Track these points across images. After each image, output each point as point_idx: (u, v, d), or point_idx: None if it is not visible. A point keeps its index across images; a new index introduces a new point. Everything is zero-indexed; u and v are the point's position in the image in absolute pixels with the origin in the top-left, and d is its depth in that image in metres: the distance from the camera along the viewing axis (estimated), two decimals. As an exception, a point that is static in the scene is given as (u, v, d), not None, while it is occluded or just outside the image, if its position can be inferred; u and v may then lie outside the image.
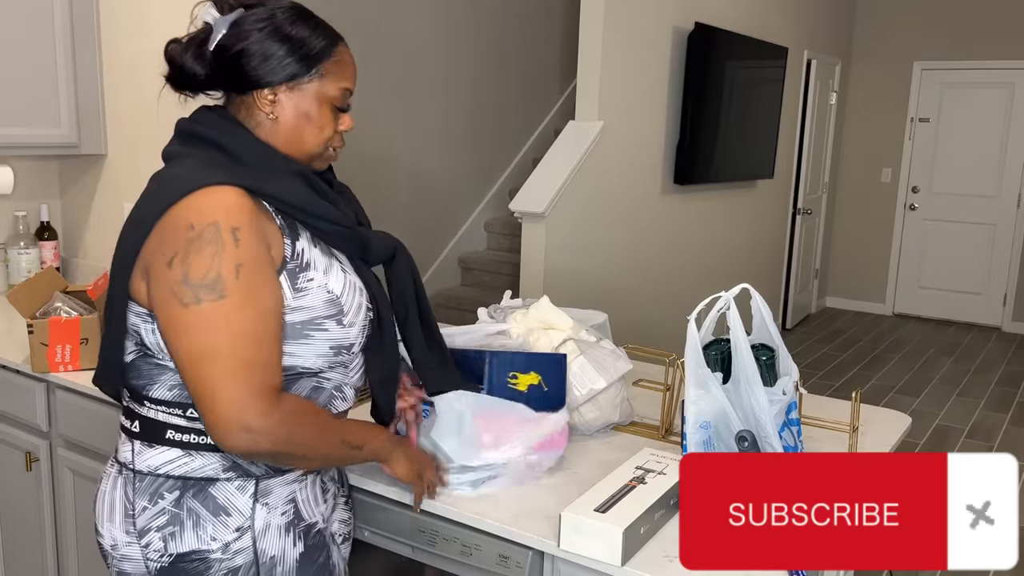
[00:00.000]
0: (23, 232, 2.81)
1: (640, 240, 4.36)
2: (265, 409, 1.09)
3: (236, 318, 1.08)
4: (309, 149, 1.25)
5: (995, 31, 6.64)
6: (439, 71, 4.62)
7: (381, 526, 1.50)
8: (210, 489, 1.19)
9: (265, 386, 1.10)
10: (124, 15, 2.67)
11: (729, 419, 1.24)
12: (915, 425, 5.04)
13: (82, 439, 2.05)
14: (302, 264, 1.19)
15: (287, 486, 1.25)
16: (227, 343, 1.08)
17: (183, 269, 1.09)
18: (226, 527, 1.19)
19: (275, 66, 1.19)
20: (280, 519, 1.24)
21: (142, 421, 1.21)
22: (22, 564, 2.31)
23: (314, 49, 1.21)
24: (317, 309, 1.19)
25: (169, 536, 1.18)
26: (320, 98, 1.23)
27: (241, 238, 1.10)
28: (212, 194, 1.11)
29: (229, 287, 1.08)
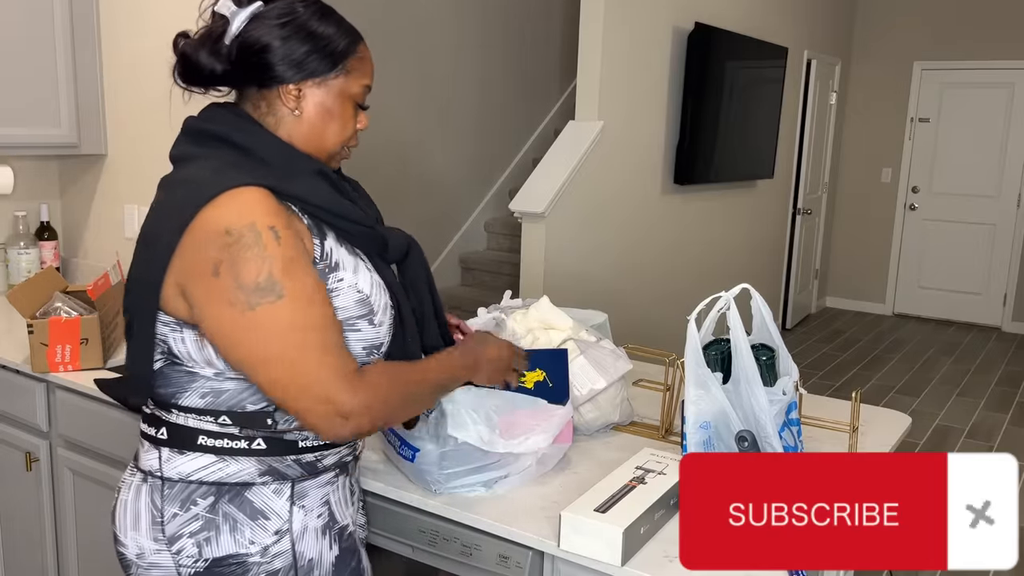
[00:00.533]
0: (23, 232, 2.81)
1: (640, 240, 4.36)
2: (352, 390, 1.09)
3: (298, 315, 1.09)
4: (329, 146, 1.24)
5: (995, 31, 6.64)
6: (439, 71, 4.63)
7: (381, 526, 1.50)
8: (246, 493, 1.18)
9: (346, 370, 1.10)
10: (124, 15, 2.67)
11: (729, 419, 1.24)
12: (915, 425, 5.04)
13: (82, 439, 2.05)
14: (331, 264, 1.18)
15: (321, 488, 1.24)
16: (296, 341, 1.08)
17: (233, 275, 1.08)
18: (264, 530, 1.18)
19: (302, 61, 1.18)
20: (316, 521, 1.23)
21: (170, 428, 1.19)
22: (22, 564, 2.31)
23: (340, 45, 1.21)
24: (350, 309, 1.18)
25: (204, 541, 1.17)
26: (343, 95, 1.23)
27: (281, 235, 1.10)
28: (241, 196, 1.10)
29: (285, 286, 1.08)
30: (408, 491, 1.43)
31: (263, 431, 1.18)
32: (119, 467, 1.98)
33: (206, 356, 1.16)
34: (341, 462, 1.28)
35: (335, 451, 1.26)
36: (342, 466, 1.29)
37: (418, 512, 1.44)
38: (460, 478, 1.40)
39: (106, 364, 2.06)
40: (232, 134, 1.18)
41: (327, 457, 1.24)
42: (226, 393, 1.17)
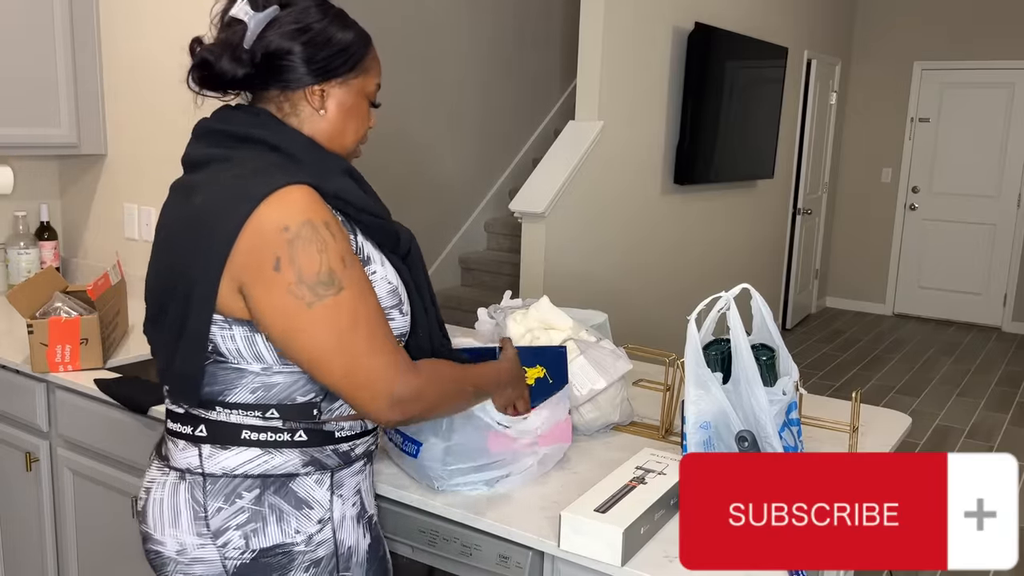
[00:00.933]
0: (23, 232, 2.81)
1: (640, 240, 4.36)
2: (409, 378, 1.16)
3: (359, 305, 1.14)
4: (348, 144, 1.29)
5: (995, 31, 6.64)
6: (439, 71, 4.63)
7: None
8: (291, 484, 1.21)
9: (402, 359, 1.17)
10: (124, 15, 2.67)
11: (729, 419, 1.24)
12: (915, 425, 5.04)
13: (82, 439, 2.05)
14: (364, 258, 1.22)
15: (354, 477, 1.29)
16: (358, 332, 1.13)
17: (295, 270, 1.11)
18: (309, 520, 1.22)
19: (327, 63, 1.23)
20: (352, 510, 1.28)
21: (210, 425, 1.21)
22: (22, 564, 2.31)
23: (358, 46, 1.26)
24: (384, 300, 1.23)
25: (251, 533, 1.19)
26: (361, 93, 1.28)
27: (334, 231, 1.14)
28: (292, 194, 1.13)
29: (345, 279, 1.13)
30: (408, 491, 1.43)
31: (306, 422, 1.22)
32: (119, 467, 1.98)
33: (256, 352, 1.18)
34: (368, 451, 1.32)
35: (364, 440, 1.30)
36: (369, 455, 1.33)
37: (418, 512, 1.44)
38: (463, 475, 1.40)
39: (106, 364, 2.06)
40: (265, 136, 1.21)
41: (359, 446, 1.29)
42: (277, 387, 1.20)
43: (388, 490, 1.45)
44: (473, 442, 1.38)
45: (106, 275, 2.12)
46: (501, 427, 1.39)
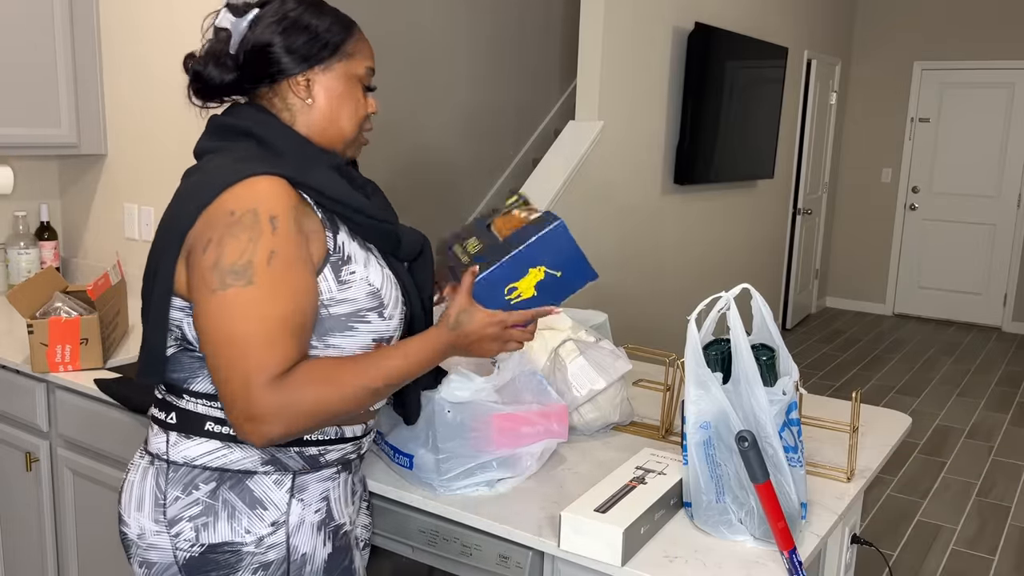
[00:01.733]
0: (23, 232, 2.82)
1: (640, 240, 4.36)
2: (263, 393, 1.07)
3: (260, 306, 1.08)
4: (346, 130, 1.27)
5: (995, 31, 6.64)
6: (439, 71, 4.62)
7: (381, 526, 1.50)
8: (247, 482, 1.20)
9: (269, 369, 1.08)
10: (124, 15, 2.67)
11: (729, 419, 1.24)
12: (915, 425, 5.05)
13: (82, 439, 2.05)
14: (344, 257, 1.20)
15: (321, 483, 1.25)
16: (245, 331, 1.08)
17: (216, 254, 1.10)
18: (261, 520, 1.20)
19: (305, 51, 1.22)
20: (314, 516, 1.24)
21: (179, 413, 1.21)
22: (22, 564, 2.31)
23: (337, 30, 1.25)
24: (360, 301, 1.20)
25: (202, 526, 1.19)
26: (350, 77, 1.26)
27: (279, 226, 1.11)
28: (255, 183, 1.13)
29: (259, 274, 1.09)
30: (408, 491, 1.43)
31: None
32: (119, 467, 1.98)
33: None
34: (344, 459, 1.28)
35: (339, 447, 1.26)
36: (345, 463, 1.29)
37: (418, 512, 1.44)
38: (462, 479, 1.40)
39: (106, 364, 2.06)
40: (253, 127, 1.22)
41: (330, 452, 1.25)
42: None
43: (388, 490, 1.45)
44: (462, 449, 1.39)
45: (106, 275, 2.12)
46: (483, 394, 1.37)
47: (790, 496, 1.24)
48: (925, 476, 3.99)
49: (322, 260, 1.18)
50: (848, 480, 1.52)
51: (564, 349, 1.65)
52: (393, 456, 1.47)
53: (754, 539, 1.28)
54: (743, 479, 1.25)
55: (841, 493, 1.47)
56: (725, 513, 1.28)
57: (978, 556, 3.25)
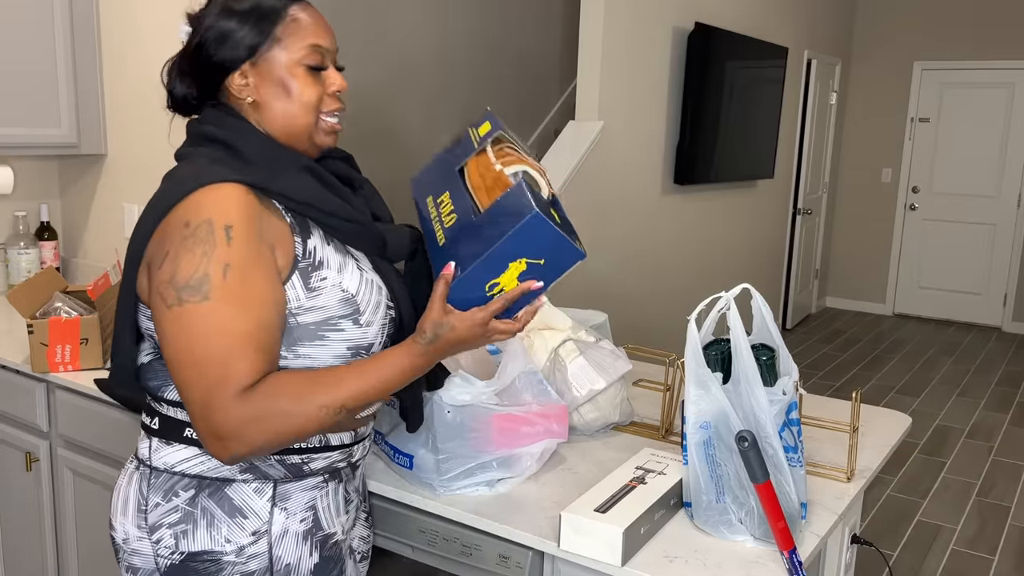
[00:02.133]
0: (23, 232, 2.82)
1: (640, 240, 4.36)
2: (226, 410, 1.03)
3: (215, 321, 1.04)
4: (301, 121, 1.19)
5: (995, 31, 6.64)
6: (439, 71, 4.62)
7: (381, 526, 1.50)
8: (226, 490, 1.17)
9: (231, 386, 1.04)
10: (124, 15, 2.67)
11: (729, 419, 1.24)
12: (915, 425, 5.04)
13: (82, 439, 2.05)
14: (315, 263, 1.16)
15: (307, 492, 1.22)
16: (205, 347, 1.04)
17: (172, 268, 1.07)
18: (242, 529, 1.17)
19: (232, 44, 1.16)
20: (299, 526, 1.21)
21: (161, 419, 1.20)
22: (22, 564, 2.31)
23: (263, 15, 1.17)
24: (332, 309, 1.16)
25: (181, 534, 1.17)
26: (287, 63, 1.17)
27: (234, 236, 1.07)
28: (212, 192, 1.09)
29: (215, 288, 1.05)
30: (408, 491, 1.43)
31: None
32: (119, 467, 1.98)
33: None
34: (332, 468, 1.25)
35: (324, 455, 1.22)
36: (333, 472, 1.26)
37: (418, 512, 1.44)
38: (462, 479, 1.40)
39: (106, 364, 2.06)
40: (220, 133, 1.17)
41: (315, 461, 1.21)
42: None
43: (388, 490, 1.45)
44: (462, 449, 1.39)
45: (106, 275, 2.12)
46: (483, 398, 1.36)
47: (790, 496, 1.24)
48: (925, 476, 3.99)
49: (289, 267, 1.13)
50: (848, 480, 1.52)
51: (564, 349, 1.65)
52: (393, 456, 1.47)
53: (754, 539, 1.28)
54: (743, 479, 1.25)
55: (841, 493, 1.47)
56: (725, 513, 1.28)
57: (978, 556, 3.25)
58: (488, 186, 1.20)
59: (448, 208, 1.22)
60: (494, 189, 1.18)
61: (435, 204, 1.27)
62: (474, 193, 1.21)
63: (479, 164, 1.25)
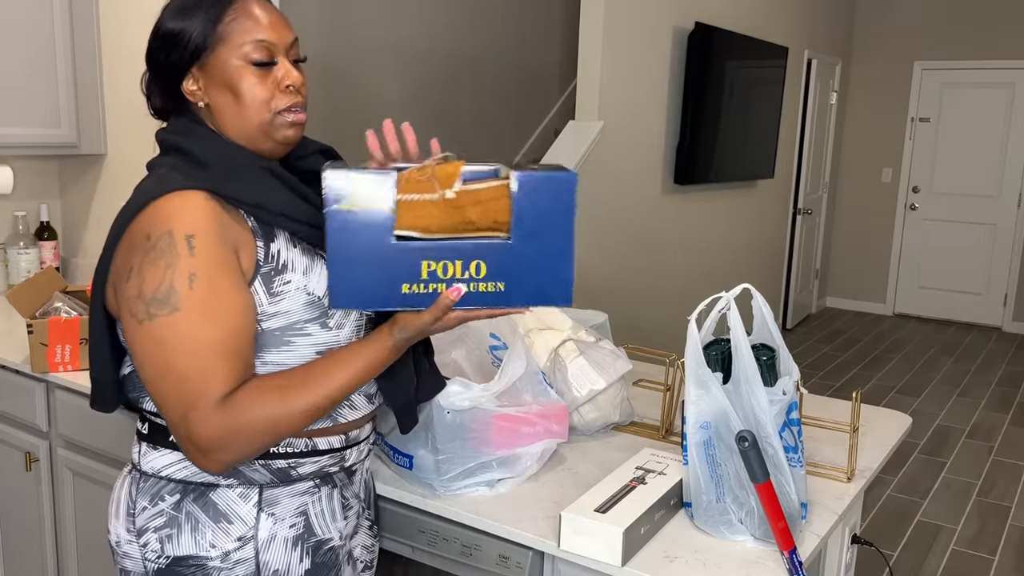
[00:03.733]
0: (23, 232, 2.81)
1: (640, 240, 4.36)
2: (204, 422, 1.04)
3: (186, 333, 1.04)
4: (254, 120, 1.15)
5: (995, 31, 6.64)
6: (438, 71, 4.62)
7: (381, 526, 1.49)
8: (211, 495, 1.16)
9: (206, 397, 1.04)
10: (124, 15, 2.67)
11: (729, 419, 1.24)
12: (915, 425, 5.05)
13: (82, 439, 2.05)
14: (278, 267, 1.13)
15: (296, 498, 1.20)
16: (176, 360, 1.04)
17: (138, 283, 1.06)
18: (227, 535, 1.16)
19: (177, 48, 1.14)
20: (288, 531, 1.19)
21: (149, 424, 1.21)
22: (22, 564, 2.31)
23: (206, 15, 1.13)
24: (296, 313, 1.14)
25: (166, 538, 1.16)
26: (232, 62, 1.13)
27: (197, 245, 1.06)
28: (171, 201, 1.07)
29: (182, 299, 1.04)
30: (408, 491, 1.43)
31: None
32: (119, 467, 1.98)
33: None
34: (323, 472, 1.22)
35: (313, 460, 1.20)
36: (325, 477, 1.23)
37: (418, 512, 1.44)
38: (462, 479, 1.40)
39: (106, 364, 2.06)
40: (179, 140, 1.16)
41: (303, 466, 1.20)
42: None
43: (388, 490, 1.45)
44: (462, 449, 1.39)
45: (106, 275, 2.12)
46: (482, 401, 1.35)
47: (790, 496, 1.24)
48: (925, 476, 3.99)
49: (252, 272, 1.12)
50: (848, 480, 1.52)
51: (564, 349, 1.65)
52: (393, 456, 1.47)
53: (754, 539, 1.28)
54: (743, 479, 1.24)
55: (841, 493, 1.47)
56: (725, 513, 1.28)
57: (978, 556, 3.24)
58: (466, 211, 1.04)
59: (461, 269, 1.05)
60: (476, 206, 1.04)
61: (428, 282, 1.06)
62: (465, 226, 1.05)
63: (423, 209, 1.04)
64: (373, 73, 4.11)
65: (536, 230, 1.04)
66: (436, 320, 1.08)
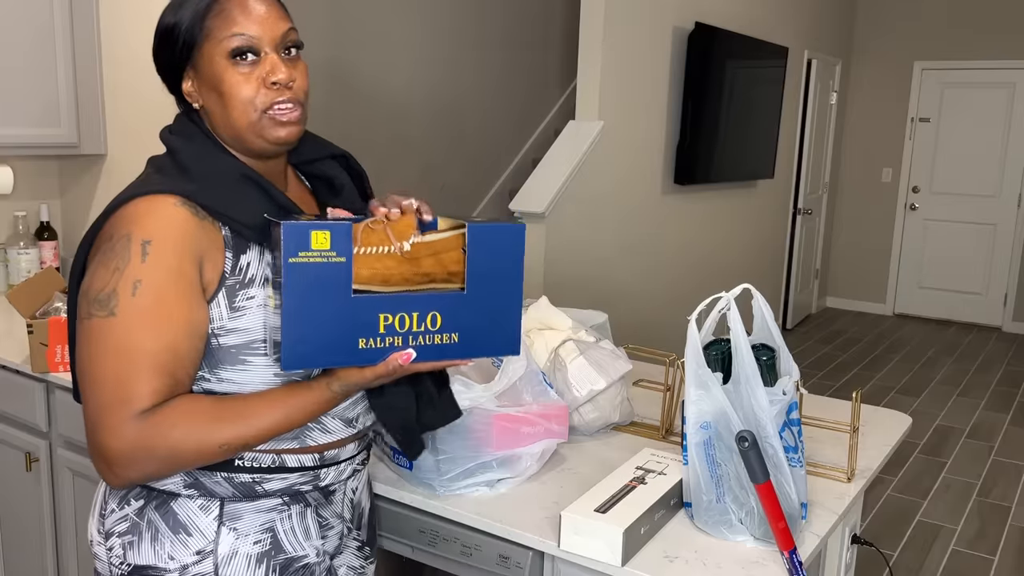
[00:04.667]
0: (23, 232, 2.81)
1: (640, 240, 4.36)
2: (117, 434, 1.00)
3: (117, 339, 1.00)
4: (242, 120, 1.08)
5: (995, 31, 6.64)
6: (439, 71, 4.62)
7: (381, 526, 1.49)
8: (172, 504, 1.12)
9: (122, 408, 1.00)
10: (124, 15, 2.67)
11: (729, 419, 1.24)
12: (915, 425, 5.04)
13: (82, 439, 2.05)
14: (244, 280, 1.08)
15: (262, 514, 1.14)
16: (100, 364, 1.01)
17: (88, 281, 1.04)
18: (185, 547, 1.11)
19: (171, 46, 1.10)
20: (252, 548, 1.14)
21: None
22: (22, 564, 2.31)
23: (194, 8, 1.07)
24: (255, 332, 1.07)
25: (128, 544, 1.13)
26: (217, 59, 1.07)
27: (151, 252, 1.02)
28: (140, 204, 1.04)
29: (122, 305, 1.01)
30: (408, 491, 1.43)
31: None
32: (119, 467, 1.98)
33: None
34: (293, 490, 1.16)
35: (281, 476, 1.14)
36: (295, 495, 1.17)
37: (418, 512, 1.44)
38: (462, 479, 1.40)
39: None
40: (171, 140, 1.13)
41: (270, 482, 1.13)
42: None
43: (388, 490, 1.45)
44: (462, 449, 1.39)
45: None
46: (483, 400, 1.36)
47: (790, 496, 1.24)
48: (925, 476, 3.99)
49: (216, 284, 1.06)
50: (848, 480, 1.52)
51: (564, 349, 1.65)
52: (393, 456, 1.47)
53: (754, 539, 1.28)
54: (743, 479, 1.24)
55: (841, 493, 1.47)
56: (725, 513, 1.28)
57: (978, 556, 3.24)
58: (422, 262, 1.05)
59: (418, 321, 1.04)
60: (431, 257, 1.06)
61: (384, 336, 1.03)
62: (421, 278, 1.06)
63: (380, 262, 1.03)
64: (373, 72, 4.11)
65: (488, 278, 1.06)
66: (378, 378, 1.05)
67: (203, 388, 1.10)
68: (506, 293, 1.08)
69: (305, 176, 1.27)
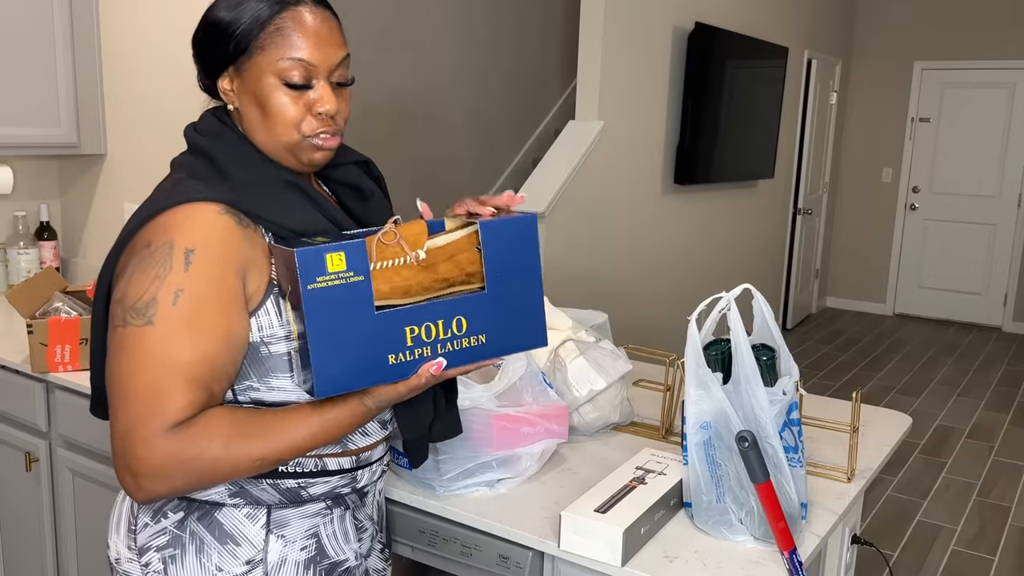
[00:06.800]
0: (23, 232, 2.81)
1: (640, 240, 4.36)
2: (149, 448, 0.97)
3: (154, 349, 0.98)
4: (282, 138, 1.08)
5: (995, 31, 6.64)
6: (439, 71, 4.62)
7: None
8: (216, 514, 1.10)
9: (156, 419, 0.97)
10: (124, 15, 2.67)
11: (729, 419, 1.24)
12: (915, 425, 5.05)
13: (82, 439, 2.05)
14: None
15: (307, 519, 1.14)
16: (134, 374, 0.98)
17: (124, 288, 1.01)
18: (234, 558, 1.10)
19: (217, 46, 1.07)
20: (299, 554, 1.13)
21: None
22: (22, 564, 2.31)
23: (245, 20, 1.05)
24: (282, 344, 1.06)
25: (169, 559, 1.10)
26: (266, 74, 1.05)
27: (194, 261, 0.99)
28: (181, 211, 1.02)
29: (161, 314, 0.98)
30: (408, 491, 1.43)
31: None
32: (119, 467, 1.98)
33: None
34: (335, 494, 1.16)
35: (324, 480, 1.14)
36: (336, 498, 1.18)
37: (418, 512, 1.44)
38: (462, 479, 1.40)
39: (106, 364, 2.06)
40: (204, 143, 1.10)
41: (314, 486, 1.13)
42: None
43: (388, 490, 1.45)
44: (462, 449, 1.39)
45: (106, 275, 2.11)
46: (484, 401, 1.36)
47: (790, 496, 1.24)
48: (925, 476, 3.99)
49: (263, 293, 1.05)
50: (848, 480, 1.52)
51: (564, 349, 1.65)
52: (393, 457, 1.47)
53: (754, 539, 1.28)
54: (743, 479, 1.24)
55: (841, 493, 1.47)
56: (725, 513, 1.28)
57: (978, 556, 3.24)
58: (439, 268, 1.04)
59: (444, 328, 1.03)
60: (447, 261, 1.04)
61: (413, 348, 1.02)
62: (440, 284, 1.04)
63: (398, 274, 1.02)
64: (371, 72, 4.11)
65: (507, 274, 1.05)
66: (411, 391, 1.03)
67: (251, 399, 1.08)
68: (526, 285, 1.06)
69: (325, 181, 1.25)
